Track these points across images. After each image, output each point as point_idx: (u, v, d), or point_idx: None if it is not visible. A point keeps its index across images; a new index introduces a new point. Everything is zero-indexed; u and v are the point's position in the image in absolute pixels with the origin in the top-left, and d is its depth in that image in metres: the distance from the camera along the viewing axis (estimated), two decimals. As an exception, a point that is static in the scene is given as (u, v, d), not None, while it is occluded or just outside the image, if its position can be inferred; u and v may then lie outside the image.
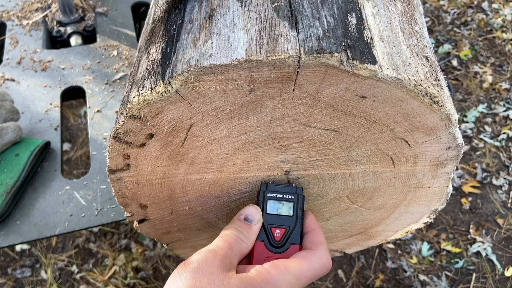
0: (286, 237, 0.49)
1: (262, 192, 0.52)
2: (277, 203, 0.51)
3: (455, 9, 2.38)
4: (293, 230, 0.50)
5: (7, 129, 0.78)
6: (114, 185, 0.53)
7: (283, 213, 0.50)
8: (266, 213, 0.50)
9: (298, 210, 0.51)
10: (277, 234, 0.49)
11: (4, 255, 1.51)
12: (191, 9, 0.50)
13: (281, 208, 0.51)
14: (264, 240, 0.49)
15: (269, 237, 0.49)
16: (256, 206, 0.51)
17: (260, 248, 0.49)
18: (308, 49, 0.40)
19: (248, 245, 0.47)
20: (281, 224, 0.50)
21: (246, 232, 0.48)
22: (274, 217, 0.50)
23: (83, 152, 1.73)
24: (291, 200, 0.51)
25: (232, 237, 0.46)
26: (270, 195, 0.51)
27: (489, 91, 2.03)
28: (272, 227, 0.50)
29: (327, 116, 0.46)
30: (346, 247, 0.72)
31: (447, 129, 0.46)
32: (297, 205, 0.51)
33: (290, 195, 0.51)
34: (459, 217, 1.66)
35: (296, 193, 0.52)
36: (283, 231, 0.50)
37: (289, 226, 0.50)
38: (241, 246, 0.46)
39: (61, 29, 1.08)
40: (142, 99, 0.43)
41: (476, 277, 1.51)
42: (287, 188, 0.52)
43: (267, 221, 0.50)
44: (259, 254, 0.48)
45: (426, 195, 0.57)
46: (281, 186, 0.52)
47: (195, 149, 0.49)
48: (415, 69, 0.43)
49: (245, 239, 0.47)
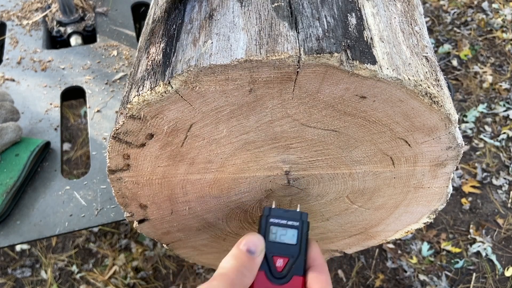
0: (289, 268, 0.46)
1: (265, 218, 0.48)
2: (280, 229, 0.47)
3: (455, 9, 2.37)
4: (296, 260, 0.46)
5: (7, 129, 0.78)
6: (114, 185, 0.53)
7: (286, 241, 0.47)
8: (268, 241, 0.47)
9: (303, 238, 0.47)
10: (279, 264, 0.46)
11: (4, 255, 1.51)
12: (191, 9, 0.50)
13: (284, 236, 0.47)
14: (265, 270, 0.45)
15: (271, 267, 0.46)
16: (258, 235, 0.47)
17: (261, 279, 0.45)
18: (308, 49, 0.40)
19: (250, 280, 0.44)
20: (284, 253, 0.46)
21: (249, 265, 0.44)
22: (276, 245, 0.46)
23: (83, 152, 1.73)
24: (295, 227, 0.47)
25: (234, 273, 0.42)
26: (273, 221, 0.48)
27: (489, 91, 2.03)
28: (274, 256, 0.46)
29: (327, 116, 0.46)
30: (346, 247, 0.72)
31: (447, 129, 0.46)
32: (301, 233, 0.47)
33: (295, 222, 0.48)
34: (459, 217, 1.66)
35: (301, 219, 0.48)
36: (285, 260, 0.46)
37: (292, 255, 0.46)
38: (243, 281, 0.43)
39: (61, 29, 1.08)
40: (142, 99, 0.43)
41: (476, 277, 1.51)
42: (292, 213, 0.48)
43: (269, 249, 0.46)
44: (259, 285, 0.45)
45: (426, 195, 0.57)
46: (285, 211, 0.49)
47: (195, 149, 0.49)
48: (415, 69, 0.43)
49: (248, 273, 0.43)
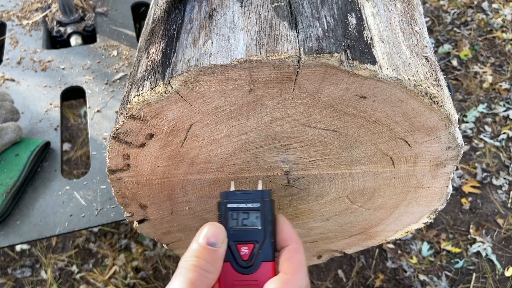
0: (255, 254, 0.42)
1: (223, 204, 0.44)
2: (241, 214, 0.43)
3: (455, 9, 2.37)
4: (262, 245, 0.42)
5: (7, 129, 0.78)
6: (114, 185, 0.53)
7: (250, 226, 0.43)
8: (229, 228, 0.43)
9: (267, 220, 0.43)
10: (244, 252, 0.42)
11: (4, 255, 1.51)
12: (191, 9, 0.50)
13: (246, 220, 0.43)
14: (231, 261, 0.42)
15: (236, 256, 0.42)
16: (218, 224, 0.43)
17: (227, 271, 0.42)
18: (308, 49, 0.40)
19: (214, 275, 0.40)
20: (248, 239, 0.42)
21: (211, 260, 0.40)
22: (239, 232, 0.43)
23: (83, 152, 1.73)
24: (257, 208, 0.43)
25: (195, 271, 0.38)
26: (232, 206, 0.44)
27: (489, 91, 2.03)
28: (238, 244, 0.42)
29: (327, 116, 0.46)
30: (346, 247, 0.72)
31: (447, 129, 0.46)
32: (264, 214, 0.43)
33: (255, 203, 0.43)
34: (459, 217, 1.66)
35: (262, 199, 0.44)
36: (251, 247, 0.42)
37: (257, 240, 0.42)
38: (207, 279, 0.39)
39: (61, 29, 1.08)
40: (142, 99, 0.43)
41: (476, 277, 1.51)
42: (252, 194, 0.44)
43: (232, 238, 0.43)
44: (227, 279, 0.42)
45: (426, 195, 0.57)
46: (243, 192, 0.44)
47: (195, 149, 0.49)
48: (415, 69, 0.43)
49: (211, 268, 0.40)
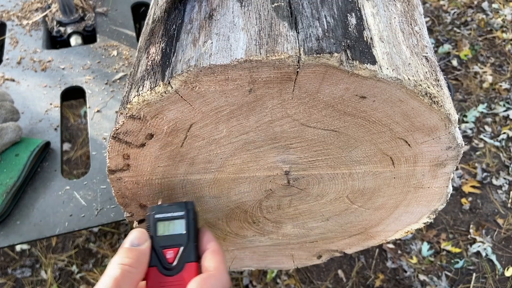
0: (180, 257, 0.46)
1: (151, 216, 0.49)
2: (167, 223, 0.48)
3: (455, 9, 2.37)
4: (186, 248, 0.47)
5: (7, 129, 0.78)
6: (114, 185, 0.53)
7: (175, 232, 0.47)
8: (156, 236, 0.47)
9: (190, 226, 0.48)
10: (170, 255, 0.46)
11: (4, 255, 1.51)
12: (190, 9, 0.50)
13: (172, 228, 0.48)
14: (157, 265, 0.46)
15: (162, 260, 0.46)
16: (139, 229, 0.47)
17: (153, 274, 0.45)
18: (308, 49, 0.40)
19: (139, 270, 0.43)
20: (173, 243, 0.47)
21: (134, 256, 0.43)
22: (165, 238, 0.47)
23: (83, 152, 1.73)
24: (181, 217, 0.48)
25: (118, 270, 0.41)
26: (159, 217, 0.48)
27: (489, 91, 2.03)
28: (164, 249, 0.46)
29: (326, 116, 0.46)
30: (346, 247, 0.72)
31: (447, 129, 0.46)
32: (188, 221, 0.48)
33: (180, 212, 0.48)
34: (459, 217, 1.66)
35: (186, 208, 0.49)
36: (176, 250, 0.46)
37: (182, 244, 0.47)
38: (131, 274, 0.42)
39: (61, 29, 1.08)
40: (142, 99, 0.43)
41: (476, 277, 1.51)
42: (177, 206, 0.49)
43: (159, 244, 0.47)
44: (153, 282, 0.45)
45: (426, 195, 0.57)
46: (169, 205, 0.49)
47: (195, 149, 0.49)
48: (415, 69, 0.43)
49: (135, 264, 0.43)
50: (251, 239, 0.68)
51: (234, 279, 1.47)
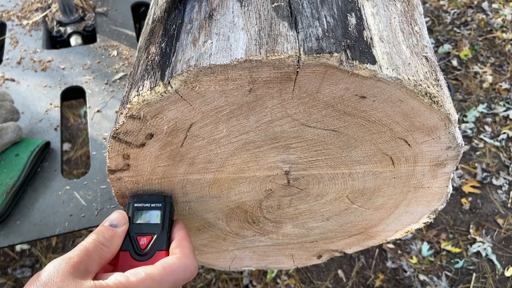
0: (152, 245, 0.49)
1: (131, 204, 0.52)
2: (144, 212, 0.51)
3: (455, 9, 2.38)
4: (159, 237, 0.49)
5: (7, 129, 0.78)
6: (114, 185, 0.53)
7: (150, 221, 0.50)
8: (133, 223, 0.50)
9: (166, 217, 0.51)
10: (143, 242, 0.49)
11: (4, 255, 1.51)
12: (190, 9, 0.50)
13: (148, 217, 0.51)
14: (130, 250, 0.48)
15: (135, 246, 0.49)
16: (121, 211, 0.50)
17: (124, 258, 0.48)
18: (308, 49, 0.40)
19: (111, 250, 0.46)
20: (147, 232, 0.49)
21: (109, 236, 0.46)
22: (141, 225, 0.50)
23: (83, 152, 1.73)
24: (158, 208, 0.51)
25: (92, 242, 0.44)
26: (138, 205, 0.51)
27: (489, 91, 2.03)
28: (138, 236, 0.49)
29: (326, 116, 0.46)
30: (346, 247, 0.72)
31: (446, 129, 0.46)
32: (164, 213, 0.51)
33: (158, 204, 0.52)
34: (459, 217, 1.66)
35: (164, 201, 0.52)
36: (149, 238, 0.49)
37: (155, 233, 0.49)
38: (102, 251, 0.45)
39: (61, 29, 1.08)
40: (141, 99, 0.43)
41: (476, 277, 1.51)
42: (155, 197, 0.53)
43: (134, 230, 0.50)
44: (123, 264, 0.47)
45: (426, 195, 0.57)
46: (149, 196, 0.53)
47: (195, 149, 0.49)
48: (414, 69, 0.43)
49: (108, 243, 0.46)
50: (251, 239, 0.68)
51: (234, 279, 1.47)
